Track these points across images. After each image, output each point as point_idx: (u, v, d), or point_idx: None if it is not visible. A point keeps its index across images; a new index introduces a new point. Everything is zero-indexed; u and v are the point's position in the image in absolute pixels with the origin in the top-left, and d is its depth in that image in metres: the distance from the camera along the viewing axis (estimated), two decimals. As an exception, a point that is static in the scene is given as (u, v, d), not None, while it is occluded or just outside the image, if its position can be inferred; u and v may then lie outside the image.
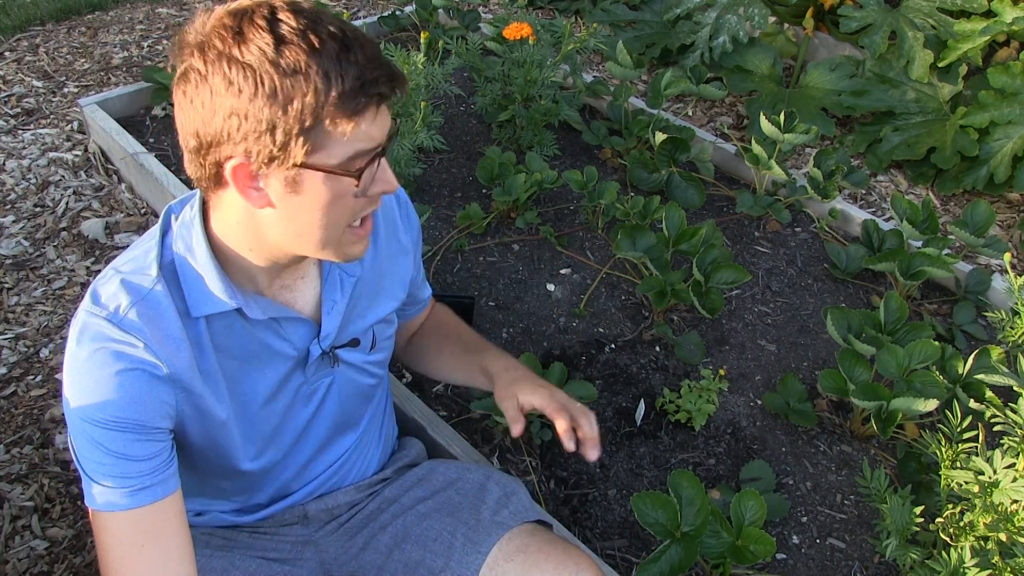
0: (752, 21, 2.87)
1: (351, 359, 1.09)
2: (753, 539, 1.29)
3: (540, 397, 1.10)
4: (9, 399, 1.77)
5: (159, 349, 0.87)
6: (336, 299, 1.03)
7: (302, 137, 0.79)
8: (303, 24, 0.77)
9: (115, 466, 0.86)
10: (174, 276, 0.90)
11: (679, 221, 1.92)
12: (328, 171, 0.82)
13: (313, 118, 0.78)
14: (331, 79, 0.77)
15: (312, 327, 1.02)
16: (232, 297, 0.90)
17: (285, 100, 0.77)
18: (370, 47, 0.81)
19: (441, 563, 1.10)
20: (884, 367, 1.56)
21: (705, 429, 1.70)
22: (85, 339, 0.86)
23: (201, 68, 0.78)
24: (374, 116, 0.82)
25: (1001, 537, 1.17)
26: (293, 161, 0.80)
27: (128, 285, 0.88)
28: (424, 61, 2.05)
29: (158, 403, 0.88)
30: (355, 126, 0.80)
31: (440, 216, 2.23)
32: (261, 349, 0.98)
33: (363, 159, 0.84)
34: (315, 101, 0.77)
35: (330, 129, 0.79)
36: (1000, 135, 2.46)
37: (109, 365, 0.85)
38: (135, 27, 3.35)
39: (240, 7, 0.79)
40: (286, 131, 0.78)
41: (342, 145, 0.81)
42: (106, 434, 0.86)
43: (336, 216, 0.87)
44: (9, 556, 1.48)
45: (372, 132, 0.83)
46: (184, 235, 0.91)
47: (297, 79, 0.76)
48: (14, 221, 2.26)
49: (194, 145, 0.82)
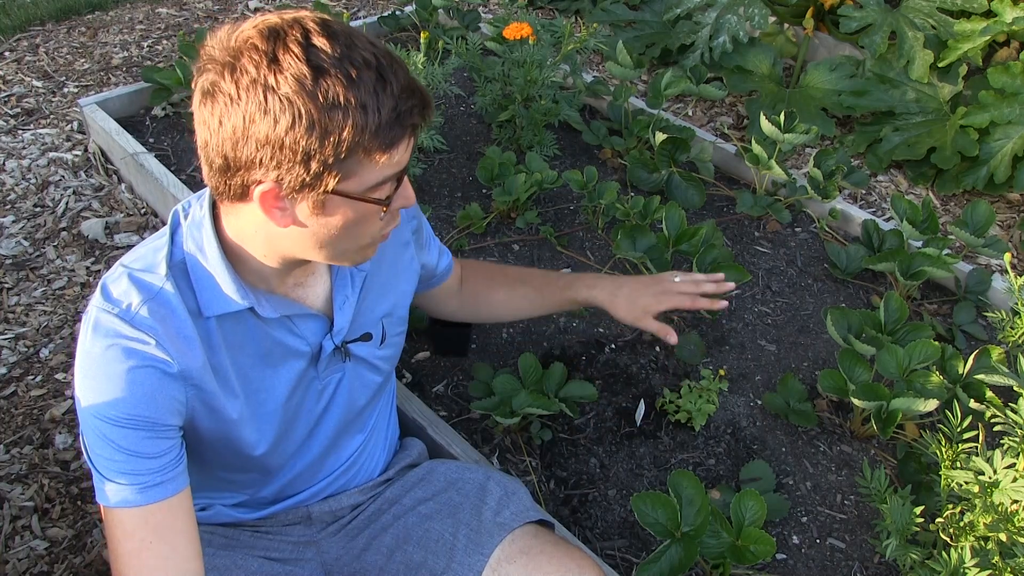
0: (752, 21, 2.87)
1: (362, 353, 1.09)
2: (753, 539, 1.29)
3: (664, 301, 1.32)
4: (9, 399, 1.77)
5: (170, 346, 0.88)
6: (347, 294, 1.04)
7: (336, 167, 0.79)
8: (339, 52, 0.77)
9: (126, 463, 0.87)
10: (184, 275, 0.91)
11: (679, 221, 1.92)
12: (358, 198, 0.84)
13: (349, 151, 0.78)
14: (368, 112, 0.77)
15: (324, 323, 1.03)
16: (244, 297, 0.91)
17: (322, 133, 0.77)
18: (403, 73, 0.81)
19: (443, 564, 1.10)
20: (884, 367, 1.56)
21: (705, 429, 1.70)
22: (98, 335, 0.86)
23: (232, 92, 0.77)
24: (406, 145, 0.83)
25: (1001, 537, 1.17)
26: (324, 188, 0.81)
27: (138, 282, 0.88)
28: (424, 61, 2.05)
29: (169, 400, 0.89)
30: (388, 157, 0.81)
31: (440, 216, 2.23)
32: (275, 346, 0.98)
33: (391, 184, 0.85)
34: (352, 135, 0.77)
35: (364, 160, 0.80)
36: (1000, 135, 2.46)
37: (121, 362, 0.85)
38: (135, 27, 3.35)
39: (271, 26, 0.77)
40: (321, 162, 0.78)
41: (374, 173, 0.82)
42: (117, 431, 0.86)
43: (360, 233, 0.89)
44: (9, 556, 1.48)
45: (402, 159, 0.84)
46: (194, 234, 0.91)
47: (335, 113, 0.76)
48: (14, 221, 2.26)
49: (220, 165, 0.82)
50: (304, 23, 0.78)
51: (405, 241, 1.16)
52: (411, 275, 1.19)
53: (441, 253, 1.30)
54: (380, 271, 1.11)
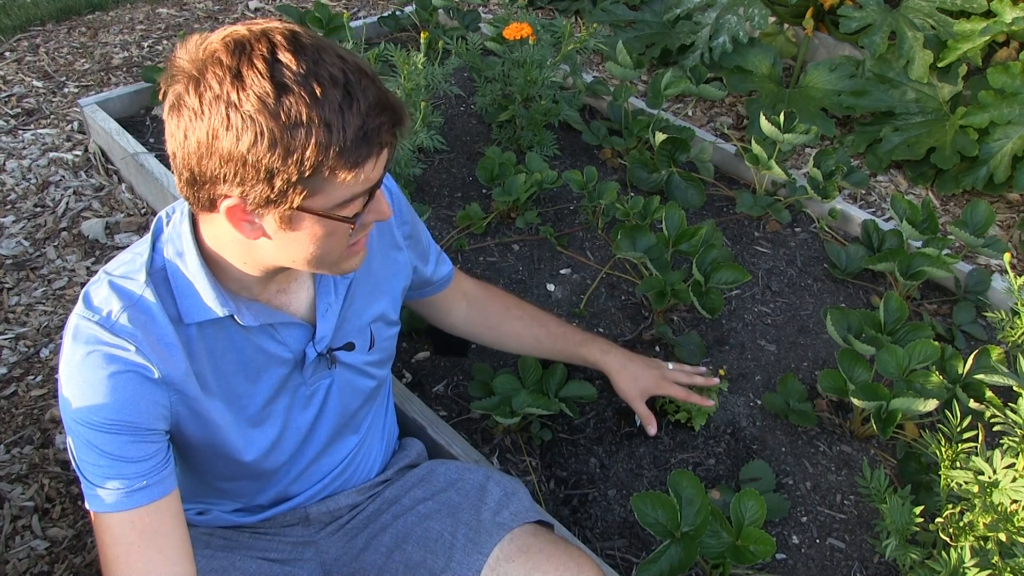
0: (752, 21, 2.87)
1: (349, 360, 1.09)
2: (753, 539, 1.29)
3: (663, 387, 1.47)
4: (9, 399, 1.77)
5: (151, 353, 0.87)
6: (330, 302, 1.03)
7: (300, 185, 0.78)
8: (304, 69, 0.75)
9: (111, 467, 0.87)
10: (165, 282, 0.90)
11: (679, 221, 1.92)
12: (324, 215, 0.82)
13: (313, 169, 0.77)
14: (333, 131, 0.76)
15: (307, 330, 1.02)
16: (224, 305, 0.90)
17: (285, 151, 0.75)
18: (372, 90, 0.79)
19: (442, 564, 1.10)
20: (884, 367, 1.56)
21: (705, 429, 1.70)
22: (79, 343, 0.86)
23: (196, 107, 0.76)
24: (375, 163, 0.81)
25: (1001, 537, 1.17)
26: (290, 205, 0.79)
27: (118, 290, 0.88)
28: (424, 61, 2.05)
29: (152, 405, 0.88)
30: (355, 176, 0.80)
31: (440, 216, 2.23)
32: (256, 353, 0.98)
33: (361, 200, 0.84)
34: (316, 154, 0.76)
35: (330, 177, 0.79)
36: (1000, 135, 2.46)
37: (102, 368, 0.85)
38: (135, 27, 3.35)
39: (237, 39, 0.76)
40: (285, 180, 0.77)
41: (341, 190, 0.81)
42: (101, 436, 0.86)
43: (330, 246, 0.87)
44: (9, 556, 1.48)
45: (371, 176, 0.82)
46: (175, 241, 0.91)
47: (298, 131, 0.75)
48: (14, 221, 2.26)
49: (187, 178, 0.81)
50: (272, 36, 0.76)
51: (396, 245, 1.15)
52: (402, 280, 1.17)
53: (440, 262, 1.29)
54: (368, 276, 1.10)
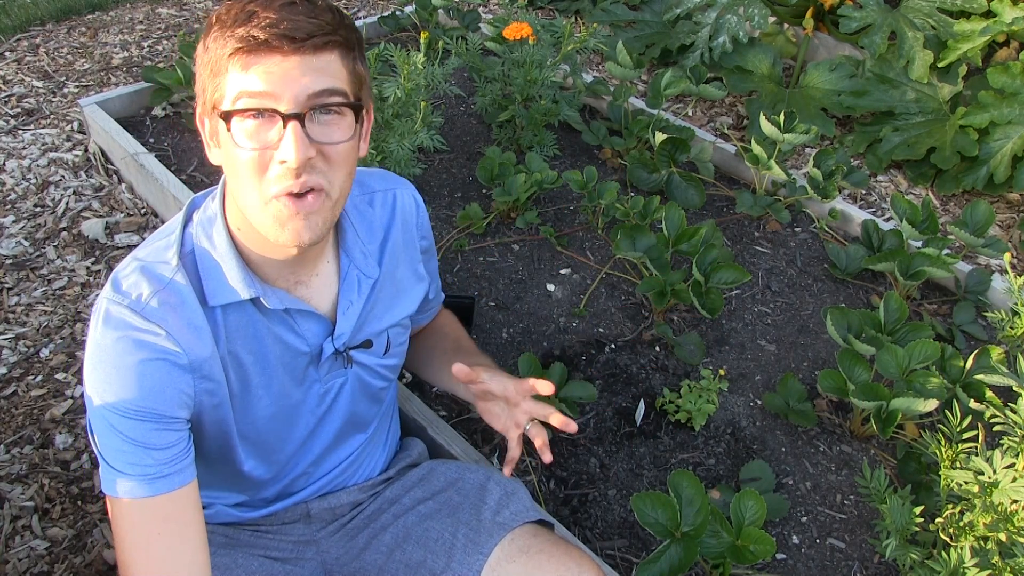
0: (752, 21, 2.87)
1: (365, 361, 1.09)
2: (753, 539, 1.29)
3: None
4: (9, 399, 1.77)
5: (180, 337, 0.88)
6: (353, 300, 1.03)
7: (209, 85, 0.84)
8: None
9: (134, 454, 0.87)
10: (194, 266, 0.92)
11: (679, 221, 1.92)
12: (216, 115, 0.85)
13: (213, 63, 0.83)
14: (227, 24, 0.81)
15: (327, 325, 1.03)
16: (250, 286, 0.92)
17: (203, 46, 0.84)
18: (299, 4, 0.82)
19: (442, 564, 1.10)
20: (884, 367, 1.56)
21: (705, 429, 1.70)
22: (108, 327, 0.87)
23: None
24: (267, 68, 0.80)
25: (1001, 537, 1.17)
26: (208, 107, 0.86)
27: (149, 274, 0.89)
28: (424, 61, 2.04)
29: (177, 393, 0.89)
30: (243, 76, 0.81)
31: (440, 216, 2.23)
32: (275, 344, 0.98)
33: (244, 103, 0.81)
34: (216, 46, 0.82)
35: (226, 76, 0.83)
36: (1000, 135, 2.46)
37: (131, 354, 0.86)
38: (135, 27, 3.35)
39: None
40: (202, 76, 0.85)
41: (232, 91, 0.83)
42: (127, 422, 0.87)
43: (238, 168, 0.84)
44: (9, 556, 1.48)
45: (268, 88, 0.80)
46: (205, 227, 0.93)
47: (211, 29, 0.83)
48: (14, 221, 2.26)
49: (199, 112, 0.90)
50: None
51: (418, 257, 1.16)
52: (420, 290, 1.18)
53: (438, 290, 1.29)
54: (392, 282, 1.10)
